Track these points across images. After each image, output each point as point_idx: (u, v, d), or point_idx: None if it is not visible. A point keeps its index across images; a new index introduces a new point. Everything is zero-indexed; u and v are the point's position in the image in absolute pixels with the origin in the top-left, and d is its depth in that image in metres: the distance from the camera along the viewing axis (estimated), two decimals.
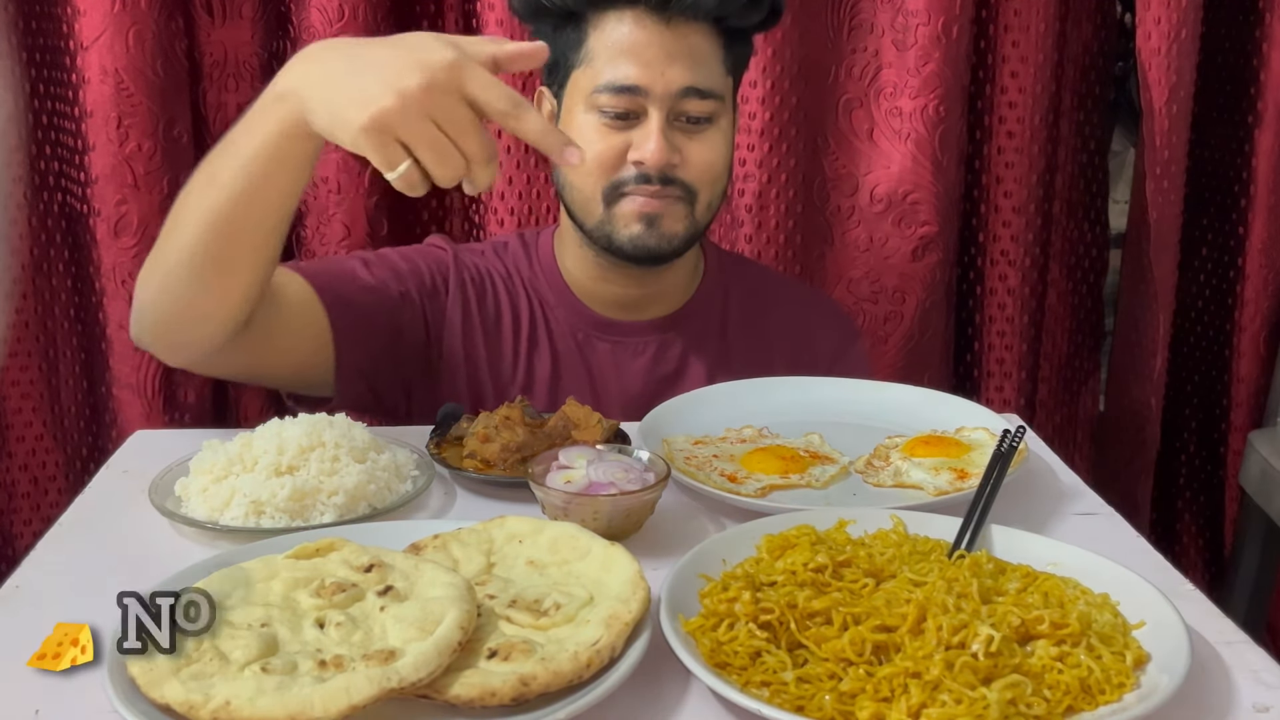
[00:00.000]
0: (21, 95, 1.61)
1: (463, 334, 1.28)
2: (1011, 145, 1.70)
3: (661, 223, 1.21)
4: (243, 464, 0.97)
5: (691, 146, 1.20)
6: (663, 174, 1.19)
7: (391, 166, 0.87)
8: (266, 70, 1.63)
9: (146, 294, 1.09)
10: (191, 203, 1.03)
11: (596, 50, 1.19)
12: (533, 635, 0.73)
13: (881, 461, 1.07)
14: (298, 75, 0.94)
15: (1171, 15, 1.55)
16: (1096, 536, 0.95)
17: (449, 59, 0.85)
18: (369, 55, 0.89)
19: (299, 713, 0.65)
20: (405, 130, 0.85)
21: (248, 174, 0.97)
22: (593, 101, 1.19)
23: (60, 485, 1.76)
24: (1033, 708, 0.67)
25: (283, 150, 0.96)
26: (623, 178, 1.20)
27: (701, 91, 1.18)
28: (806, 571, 0.80)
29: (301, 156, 0.97)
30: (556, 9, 1.20)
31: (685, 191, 1.21)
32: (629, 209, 1.20)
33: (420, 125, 0.85)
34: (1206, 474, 1.88)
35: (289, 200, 1.02)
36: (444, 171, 0.87)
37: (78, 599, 0.83)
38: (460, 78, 0.85)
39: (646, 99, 1.17)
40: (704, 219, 1.25)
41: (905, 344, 1.74)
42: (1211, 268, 1.81)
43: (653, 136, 1.17)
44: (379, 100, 0.84)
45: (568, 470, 0.94)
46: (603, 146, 1.19)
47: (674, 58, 1.17)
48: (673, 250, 1.23)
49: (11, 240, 1.64)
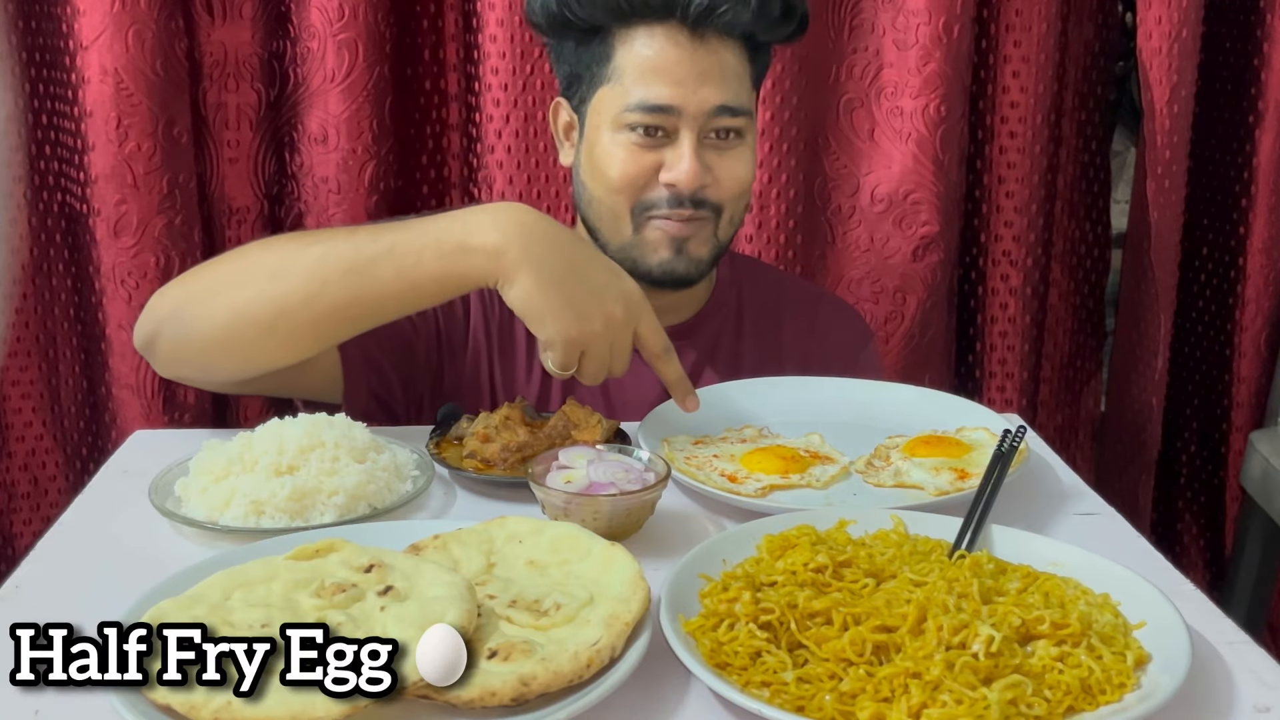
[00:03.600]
0: (21, 95, 1.61)
1: (480, 349, 1.27)
2: (1014, 145, 1.70)
3: (689, 247, 1.20)
4: (243, 464, 0.97)
5: (722, 164, 1.18)
6: (694, 195, 1.17)
7: (567, 368, 1.00)
8: (267, 70, 1.63)
9: (197, 324, 1.05)
10: (299, 269, 1.01)
11: (625, 67, 1.16)
12: (533, 635, 0.73)
13: (882, 461, 1.07)
14: (515, 245, 0.99)
15: (1173, 15, 1.55)
16: (1097, 536, 0.94)
17: (638, 299, 1.02)
18: (588, 271, 1.01)
19: (300, 713, 0.64)
20: (593, 347, 0.99)
21: (394, 291, 1.01)
22: (622, 120, 1.16)
23: (60, 485, 1.77)
24: (1033, 708, 0.67)
25: (444, 291, 1.03)
26: (653, 199, 1.18)
27: (733, 109, 1.17)
28: (807, 572, 0.80)
29: (444, 298, 1.06)
30: (582, 24, 1.17)
31: (713, 211, 1.19)
32: (656, 235, 1.19)
33: (604, 345, 1.00)
34: (1207, 474, 1.88)
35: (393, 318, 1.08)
36: (594, 377, 1.02)
37: (78, 599, 0.83)
38: (639, 316, 1.02)
39: (679, 118, 1.15)
40: (726, 236, 1.23)
41: (906, 344, 1.73)
42: (1213, 267, 1.81)
43: (686, 157, 1.15)
44: (591, 322, 0.98)
45: (568, 470, 0.94)
46: (633, 167, 1.17)
47: (706, 76, 1.15)
48: (700, 274, 1.23)
49: (11, 240, 1.64)
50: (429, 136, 1.71)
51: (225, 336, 1.04)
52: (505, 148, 1.63)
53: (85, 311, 1.67)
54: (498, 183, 1.65)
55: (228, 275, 1.07)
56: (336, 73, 1.58)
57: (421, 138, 1.71)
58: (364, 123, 1.60)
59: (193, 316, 1.05)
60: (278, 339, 1.03)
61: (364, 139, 1.60)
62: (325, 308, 1.01)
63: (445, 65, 1.68)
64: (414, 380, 1.24)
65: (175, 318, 1.07)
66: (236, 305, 1.03)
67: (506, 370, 1.27)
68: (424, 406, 1.26)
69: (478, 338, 1.26)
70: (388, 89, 1.62)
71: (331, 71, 1.57)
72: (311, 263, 1.01)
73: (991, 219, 1.75)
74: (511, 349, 1.28)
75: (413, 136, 1.70)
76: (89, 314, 1.66)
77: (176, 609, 0.74)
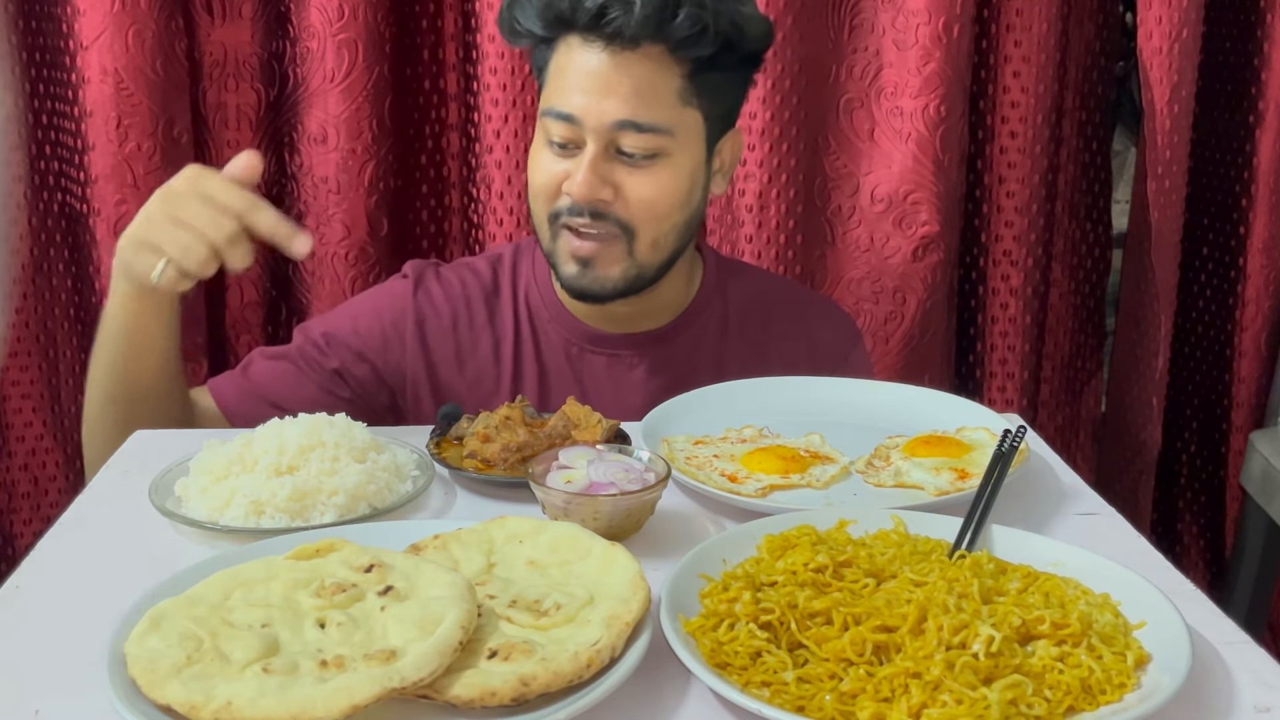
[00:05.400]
0: (21, 95, 1.61)
1: (426, 371, 1.28)
2: (1014, 145, 1.70)
3: (596, 265, 1.18)
4: (243, 464, 0.97)
5: (630, 182, 1.16)
6: (592, 208, 1.16)
7: (148, 271, 1.06)
8: (266, 70, 1.63)
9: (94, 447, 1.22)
10: (94, 378, 1.20)
11: (551, 74, 1.18)
12: (533, 635, 0.73)
13: (882, 461, 1.07)
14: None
15: (1173, 15, 1.55)
16: (1097, 536, 0.94)
17: (187, 174, 1.06)
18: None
19: (300, 713, 0.64)
20: (153, 235, 1.05)
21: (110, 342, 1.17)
22: (542, 126, 1.18)
23: (60, 485, 1.77)
24: (1033, 708, 0.67)
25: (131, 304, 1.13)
26: (558, 208, 1.18)
27: (639, 125, 1.13)
28: (807, 572, 0.80)
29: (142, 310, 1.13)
30: (527, 33, 1.19)
31: (621, 229, 1.17)
32: (565, 248, 1.19)
33: (163, 228, 1.05)
34: (1208, 474, 1.88)
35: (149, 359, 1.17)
36: (190, 262, 1.05)
37: (78, 599, 0.83)
38: (196, 184, 1.05)
39: (582, 129, 1.14)
40: (650, 258, 1.20)
41: (906, 344, 1.73)
42: (1213, 267, 1.81)
43: (581, 169, 1.14)
44: (132, 224, 1.07)
45: (568, 470, 0.94)
46: (545, 175, 1.18)
47: (611, 89, 1.13)
48: (612, 292, 1.21)
49: (11, 240, 1.64)
50: (428, 136, 1.71)
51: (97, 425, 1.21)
52: (504, 147, 1.63)
53: (85, 311, 1.67)
54: (496, 182, 1.65)
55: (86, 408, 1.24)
56: (336, 73, 1.58)
57: (421, 137, 1.71)
58: (363, 123, 1.60)
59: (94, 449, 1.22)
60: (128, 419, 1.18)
61: (364, 139, 1.60)
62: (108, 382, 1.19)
63: (444, 65, 1.68)
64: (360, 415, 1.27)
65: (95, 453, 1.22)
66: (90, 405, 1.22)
67: (473, 386, 1.29)
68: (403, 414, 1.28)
69: (415, 365, 1.28)
70: (387, 89, 1.62)
71: (331, 71, 1.58)
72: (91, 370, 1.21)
73: (992, 219, 1.75)
74: (474, 362, 1.29)
75: (412, 136, 1.70)
76: (89, 314, 1.66)
77: (176, 609, 0.74)
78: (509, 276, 1.31)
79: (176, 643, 0.70)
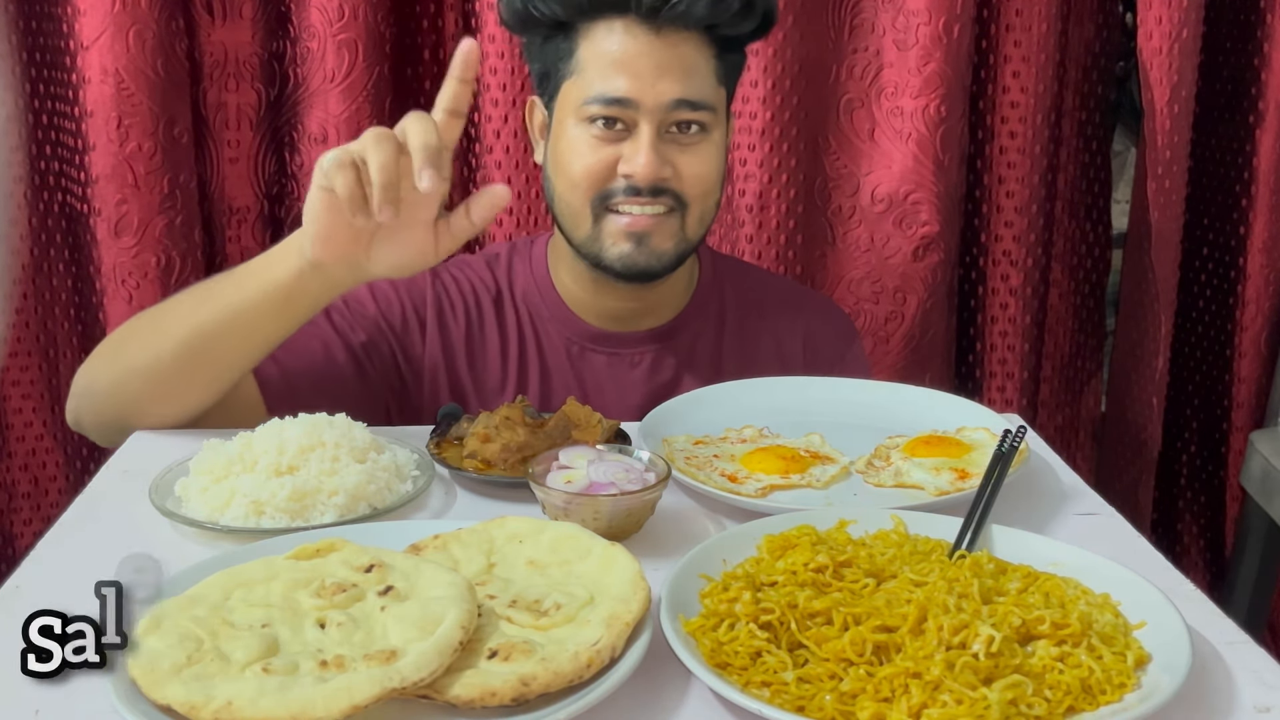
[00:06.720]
0: (21, 95, 1.61)
1: (444, 361, 1.27)
2: (1014, 145, 1.70)
3: (651, 240, 1.19)
4: (243, 464, 0.97)
5: (683, 159, 1.18)
6: (653, 186, 1.17)
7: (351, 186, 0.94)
8: (267, 70, 1.63)
9: (98, 384, 1.13)
10: (180, 315, 1.09)
11: (586, 61, 1.17)
12: (533, 635, 0.73)
13: (882, 461, 1.07)
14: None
15: (1173, 15, 1.55)
16: (1097, 536, 0.94)
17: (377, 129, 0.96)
18: None
19: (301, 713, 0.64)
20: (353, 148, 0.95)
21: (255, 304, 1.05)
22: (583, 113, 1.17)
23: (60, 485, 1.77)
24: (1034, 708, 0.67)
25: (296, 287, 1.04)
26: (611, 189, 1.18)
27: (693, 103, 1.17)
28: (807, 572, 0.80)
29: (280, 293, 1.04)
30: (545, 19, 1.18)
31: (677, 203, 1.19)
32: (616, 226, 1.19)
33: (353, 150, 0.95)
34: (1208, 474, 1.88)
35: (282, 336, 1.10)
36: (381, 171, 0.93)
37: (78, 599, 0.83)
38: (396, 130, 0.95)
39: (637, 111, 1.16)
40: (695, 234, 1.23)
41: (906, 344, 1.73)
42: (1213, 267, 1.81)
43: (643, 150, 1.15)
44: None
45: (568, 470, 0.94)
46: (593, 159, 1.17)
47: (665, 69, 1.15)
48: (663, 268, 1.22)
49: (11, 240, 1.64)
50: None
51: (122, 390, 1.12)
52: (504, 148, 1.63)
53: (85, 311, 1.67)
54: (496, 182, 1.65)
55: (120, 338, 1.15)
56: (336, 73, 1.58)
57: None
58: (364, 123, 1.59)
59: (100, 385, 1.14)
60: (173, 379, 1.09)
61: None
62: (194, 336, 1.07)
63: (444, 65, 1.68)
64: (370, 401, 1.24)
65: (88, 391, 1.15)
66: (135, 360, 1.10)
67: (479, 382, 1.28)
68: (393, 419, 1.27)
69: (433, 350, 1.27)
70: (387, 89, 1.62)
71: (331, 72, 1.58)
72: (176, 304, 1.12)
73: (992, 219, 1.75)
74: (484, 358, 1.28)
75: None
76: (89, 314, 1.66)
77: (176, 609, 0.74)
78: (506, 277, 1.32)
79: (176, 643, 0.70)
